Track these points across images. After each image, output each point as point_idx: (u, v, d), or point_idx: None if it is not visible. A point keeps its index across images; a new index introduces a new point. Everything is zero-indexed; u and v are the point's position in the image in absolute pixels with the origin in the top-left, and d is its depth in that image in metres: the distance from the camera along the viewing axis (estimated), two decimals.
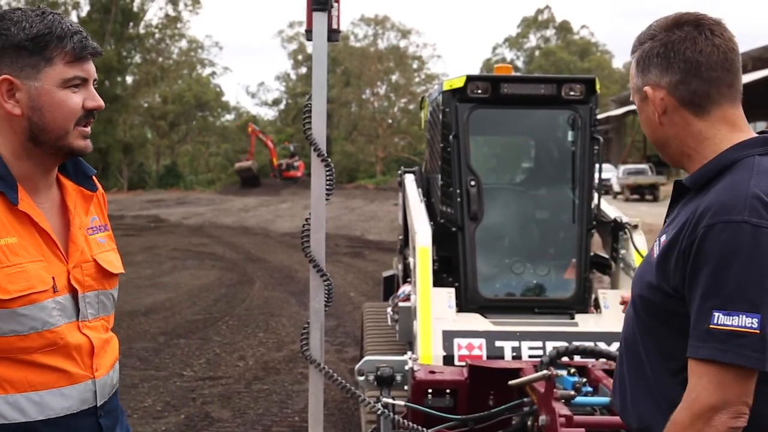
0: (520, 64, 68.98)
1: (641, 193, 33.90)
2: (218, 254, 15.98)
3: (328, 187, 3.96)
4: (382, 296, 8.17)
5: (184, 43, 54.17)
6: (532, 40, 71.95)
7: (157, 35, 50.02)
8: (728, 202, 1.67)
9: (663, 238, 1.83)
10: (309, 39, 3.91)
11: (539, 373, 3.70)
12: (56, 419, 1.80)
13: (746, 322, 1.62)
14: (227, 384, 7.02)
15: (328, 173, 3.93)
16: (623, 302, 2.47)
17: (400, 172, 6.56)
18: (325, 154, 3.90)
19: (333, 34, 3.87)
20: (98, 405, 1.90)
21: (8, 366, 1.75)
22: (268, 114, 69.01)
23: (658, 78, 1.82)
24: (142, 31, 48.25)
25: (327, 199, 3.97)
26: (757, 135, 1.82)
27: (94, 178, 2.04)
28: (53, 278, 1.81)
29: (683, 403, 1.70)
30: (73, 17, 44.66)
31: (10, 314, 1.73)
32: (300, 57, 64.75)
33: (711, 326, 1.64)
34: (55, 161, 1.90)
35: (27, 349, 1.76)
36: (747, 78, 22.40)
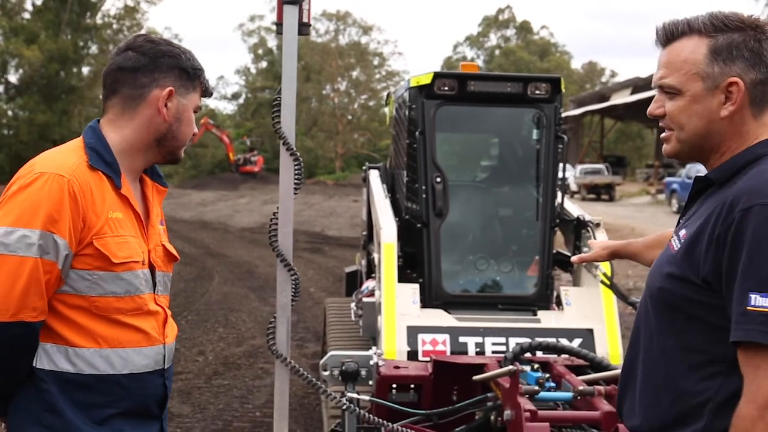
0: (480, 62, 69.32)
1: (597, 192, 34.32)
2: (176, 249, 15.81)
3: (296, 181, 3.96)
4: (344, 291, 8.17)
5: None
6: (493, 39, 72.47)
7: (114, 26, 49.24)
8: (762, 187, 1.69)
9: (683, 231, 1.83)
10: (279, 32, 3.89)
11: (504, 369, 3.73)
12: (136, 374, 2.11)
13: None
14: (187, 379, 6.96)
15: (296, 168, 3.92)
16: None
17: (364, 167, 6.56)
18: (294, 149, 3.89)
19: (303, 27, 3.85)
20: (165, 368, 2.21)
21: (104, 324, 2.05)
22: (228, 108, 68.59)
23: (743, 72, 1.78)
24: (99, 21, 47.42)
25: (295, 194, 3.96)
26: None
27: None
28: (142, 253, 2.14)
29: (746, 396, 1.66)
30: (29, 5, 43.86)
31: (114, 277, 2.05)
32: (260, 51, 64.37)
33: (747, 308, 1.63)
34: (157, 161, 2.28)
35: (121, 309, 2.07)
36: None
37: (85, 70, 47.44)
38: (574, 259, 2.86)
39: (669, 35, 1.86)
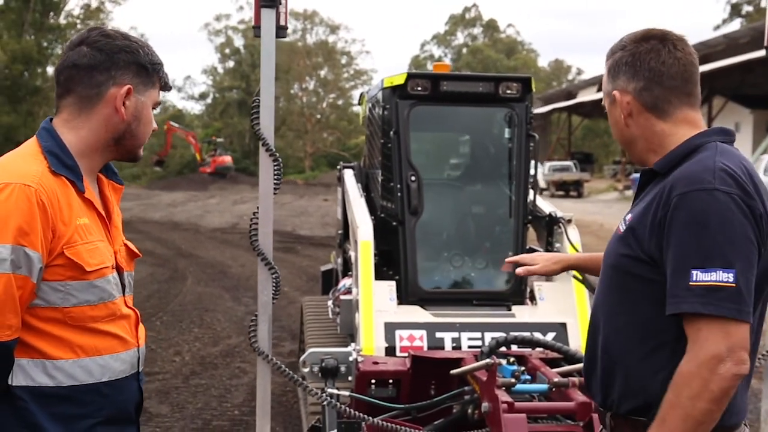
0: (447, 61, 69.54)
1: (566, 189, 34.70)
2: (148, 250, 15.75)
3: (276, 181, 4.01)
4: (320, 290, 8.22)
5: None
6: (460, 38, 72.83)
7: (79, 26, 48.70)
8: (698, 174, 1.88)
9: (629, 216, 2.04)
10: (257, 35, 3.95)
11: (482, 362, 3.83)
12: (115, 381, 2.07)
13: (723, 276, 1.80)
14: (164, 379, 6.98)
15: (276, 168, 3.98)
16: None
17: (339, 167, 6.62)
18: (273, 149, 3.94)
19: (281, 30, 3.92)
20: (139, 370, 2.18)
21: (80, 333, 2.00)
22: (195, 108, 68.16)
23: (626, 84, 2.06)
24: (63, 21, 46.87)
25: (275, 193, 4.02)
26: (715, 127, 2.07)
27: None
28: (110, 256, 2.09)
29: (688, 355, 1.84)
30: None
31: (88, 285, 1.99)
32: (227, 51, 64.05)
33: (691, 283, 1.82)
34: (117, 158, 2.19)
35: (95, 317, 2.02)
36: None
37: (50, 70, 46.86)
38: (519, 271, 2.77)
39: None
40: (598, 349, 2.09)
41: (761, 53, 3.59)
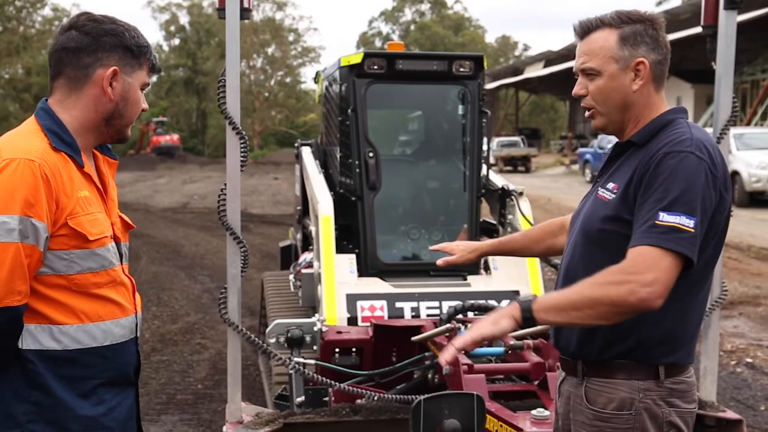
0: (395, 37, 69.55)
1: (514, 164, 35.15)
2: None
3: (242, 158, 4.16)
4: (279, 265, 8.35)
5: (48, 11, 51.77)
6: (408, 14, 72.76)
7: (17, 2, 47.52)
8: (678, 140, 2.17)
9: (612, 184, 2.26)
10: (221, 17, 4.08)
11: (443, 327, 4.03)
12: (115, 345, 2.23)
13: (685, 221, 2.06)
14: None
15: (242, 146, 4.12)
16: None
17: (297, 144, 6.75)
18: (240, 128, 4.09)
19: (245, 12, 4.06)
20: (137, 336, 2.31)
21: (84, 299, 2.15)
22: None
23: (646, 54, 2.25)
24: None
25: (241, 170, 4.17)
26: (680, 106, 2.38)
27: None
28: (108, 227, 2.23)
29: (620, 265, 2.09)
30: None
31: (90, 254, 2.14)
32: (172, 28, 63.10)
33: (656, 222, 2.07)
34: (107, 139, 2.33)
35: (98, 284, 2.17)
36: None
37: None
38: (439, 262, 2.98)
39: (585, 29, 2.32)
40: None
41: (700, 29, 3.82)
